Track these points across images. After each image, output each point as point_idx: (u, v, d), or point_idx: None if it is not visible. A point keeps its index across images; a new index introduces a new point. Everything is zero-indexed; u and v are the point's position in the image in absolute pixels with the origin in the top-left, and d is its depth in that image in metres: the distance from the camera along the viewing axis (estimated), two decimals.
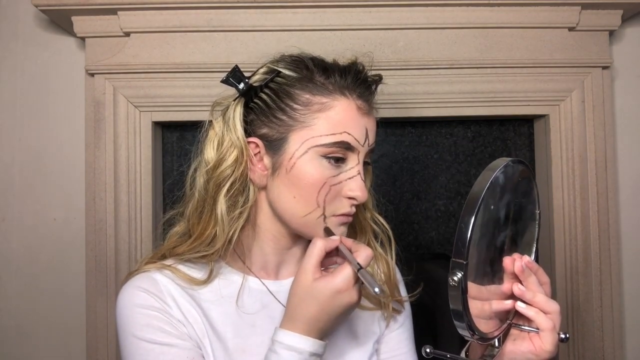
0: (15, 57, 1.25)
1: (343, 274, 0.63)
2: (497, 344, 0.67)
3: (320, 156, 0.69)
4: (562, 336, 0.64)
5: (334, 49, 1.16)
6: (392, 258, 0.84)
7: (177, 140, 1.27)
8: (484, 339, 0.64)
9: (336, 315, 0.64)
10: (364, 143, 0.71)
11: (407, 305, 0.87)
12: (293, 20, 1.16)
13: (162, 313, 0.69)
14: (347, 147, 0.70)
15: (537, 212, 0.71)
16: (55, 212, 1.25)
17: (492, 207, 0.62)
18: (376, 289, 0.58)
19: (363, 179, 0.72)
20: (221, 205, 0.71)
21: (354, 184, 0.71)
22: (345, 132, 0.69)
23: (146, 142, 1.18)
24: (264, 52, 0.79)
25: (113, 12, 1.13)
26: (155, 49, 1.16)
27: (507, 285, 0.66)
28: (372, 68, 0.76)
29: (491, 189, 0.60)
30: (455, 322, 0.61)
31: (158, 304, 0.70)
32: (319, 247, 0.65)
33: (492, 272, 0.65)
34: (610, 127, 1.23)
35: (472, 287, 0.60)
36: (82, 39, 1.18)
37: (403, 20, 1.17)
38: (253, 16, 1.15)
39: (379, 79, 0.77)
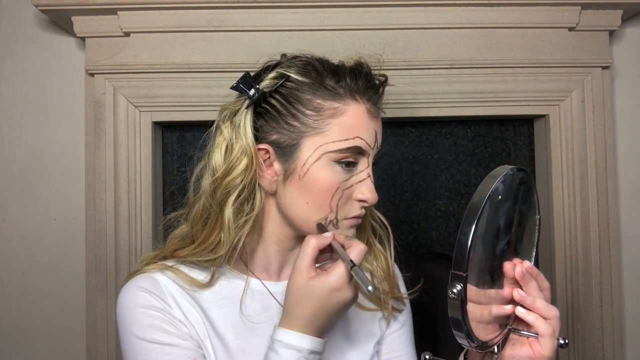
0: (15, 57, 1.25)
1: (337, 272, 0.63)
2: (496, 350, 0.67)
3: (333, 162, 0.69)
4: (562, 342, 0.63)
5: (334, 49, 1.16)
6: (390, 256, 0.84)
7: (177, 140, 1.27)
8: (483, 347, 0.64)
9: (334, 313, 0.64)
10: (374, 146, 0.72)
11: (408, 303, 0.87)
12: (293, 20, 1.16)
13: (164, 313, 0.69)
14: (359, 151, 0.70)
15: (537, 217, 0.71)
16: (55, 212, 1.25)
17: (492, 216, 0.62)
18: (369, 288, 0.58)
19: (373, 181, 0.72)
20: (228, 213, 0.70)
21: (364, 187, 0.71)
22: (357, 137, 0.69)
23: (146, 142, 1.18)
24: (264, 52, 0.79)
25: (113, 12, 1.13)
26: (155, 49, 1.15)
27: (507, 290, 0.65)
28: (381, 69, 0.77)
29: (491, 199, 0.60)
30: (454, 332, 0.61)
31: (159, 304, 0.70)
32: (312, 245, 0.65)
33: (491, 279, 0.65)
34: (610, 127, 1.23)
35: (472, 293, 0.60)
36: (82, 39, 1.18)
37: (403, 20, 1.17)
38: (253, 16, 1.15)
39: (385, 80, 0.77)
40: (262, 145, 0.72)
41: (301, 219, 0.71)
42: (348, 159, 0.70)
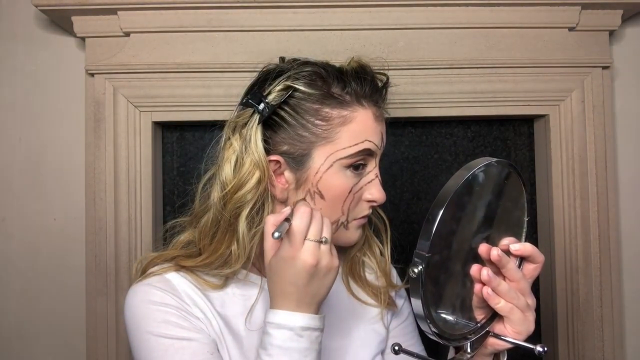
0: (15, 57, 1.25)
1: (285, 242, 0.64)
2: (469, 349, 0.66)
3: (344, 167, 0.71)
4: (540, 349, 0.61)
5: (334, 49, 1.16)
6: (387, 248, 0.86)
7: (177, 140, 1.27)
8: (442, 336, 0.62)
9: (303, 282, 0.63)
10: (381, 146, 0.74)
11: (405, 294, 0.88)
12: (293, 20, 1.15)
13: (178, 310, 0.69)
14: (368, 153, 0.72)
15: (525, 219, 0.69)
16: (55, 212, 1.25)
17: (468, 204, 0.61)
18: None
19: (380, 180, 0.74)
20: (242, 227, 0.70)
21: (373, 188, 0.73)
22: (366, 140, 0.71)
23: (146, 142, 1.18)
24: (264, 52, 0.79)
25: (113, 12, 1.13)
26: (155, 49, 1.15)
27: (474, 269, 0.64)
28: (383, 68, 0.77)
29: (467, 186, 0.59)
30: (415, 315, 0.60)
31: (175, 302, 0.70)
32: (270, 223, 0.66)
33: (463, 270, 0.64)
34: (610, 127, 1.23)
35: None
36: (82, 39, 1.18)
37: (403, 20, 1.17)
38: (253, 16, 1.15)
39: (386, 81, 0.78)
40: (273, 157, 0.72)
41: None
42: (358, 162, 0.71)
